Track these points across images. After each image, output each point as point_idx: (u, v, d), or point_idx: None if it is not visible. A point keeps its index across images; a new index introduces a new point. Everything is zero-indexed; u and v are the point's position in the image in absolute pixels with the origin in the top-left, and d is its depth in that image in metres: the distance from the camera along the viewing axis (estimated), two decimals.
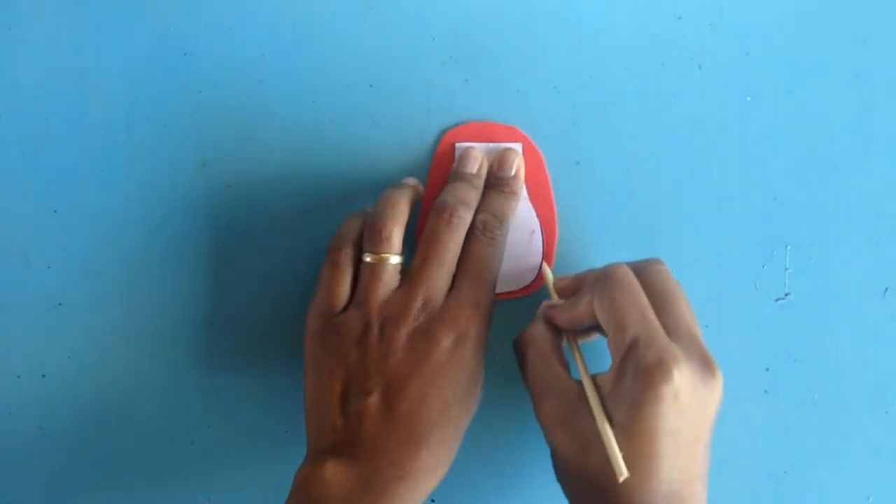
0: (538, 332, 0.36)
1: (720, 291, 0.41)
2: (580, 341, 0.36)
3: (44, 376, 0.39)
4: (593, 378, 0.34)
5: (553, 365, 0.35)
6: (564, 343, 0.36)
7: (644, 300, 0.33)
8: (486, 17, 0.40)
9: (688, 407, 0.31)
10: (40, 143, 0.39)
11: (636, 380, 0.31)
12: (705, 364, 0.32)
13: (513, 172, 0.39)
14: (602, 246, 0.40)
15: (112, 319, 0.39)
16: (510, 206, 0.38)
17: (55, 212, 0.39)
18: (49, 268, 0.39)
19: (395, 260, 0.36)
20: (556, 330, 0.36)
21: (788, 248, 0.41)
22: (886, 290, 0.41)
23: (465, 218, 0.37)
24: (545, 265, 0.38)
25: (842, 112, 0.41)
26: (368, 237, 0.36)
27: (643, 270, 0.35)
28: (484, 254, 0.36)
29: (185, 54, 0.40)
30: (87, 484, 0.40)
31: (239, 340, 0.40)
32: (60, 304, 0.39)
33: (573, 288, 0.36)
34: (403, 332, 0.34)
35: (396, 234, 0.36)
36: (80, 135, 0.39)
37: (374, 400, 0.34)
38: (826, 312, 0.41)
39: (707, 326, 0.40)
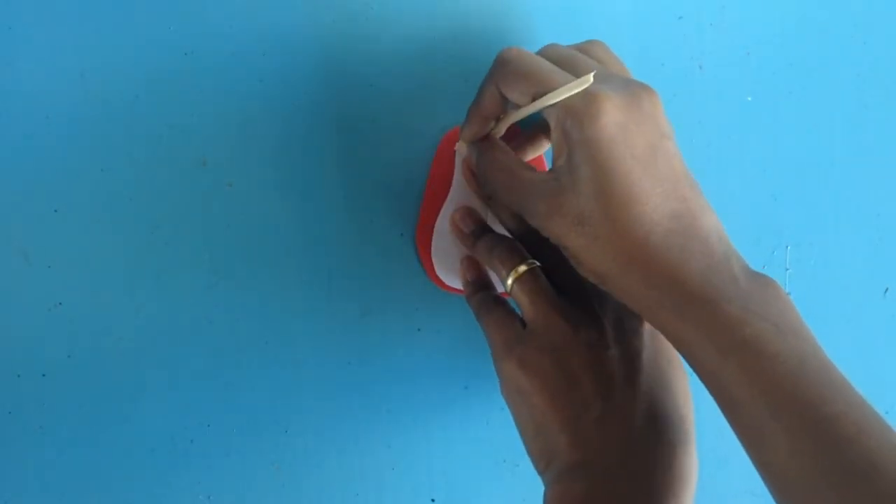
0: (499, 149, 0.36)
1: None
2: None
3: (44, 376, 0.39)
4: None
5: (527, 166, 0.34)
6: None
7: (544, 62, 0.33)
8: (487, 16, 0.40)
9: (633, 121, 0.31)
10: (40, 143, 0.39)
11: (571, 125, 0.31)
12: (628, 83, 0.32)
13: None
14: None
15: (112, 319, 0.39)
16: None
17: (55, 212, 0.39)
18: (49, 268, 0.39)
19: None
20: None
21: (788, 248, 0.41)
22: (886, 290, 0.41)
23: None
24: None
25: (842, 112, 0.41)
26: None
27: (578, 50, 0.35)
28: None
29: (185, 54, 0.40)
30: (87, 484, 0.40)
31: (239, 340, 0.40)
32: (60, 304, 0.39)
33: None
34: None
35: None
36: (80, 135, 0.39)
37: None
38: (826, 312, 0.41)
39: None
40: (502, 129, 0.37)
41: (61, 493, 0.40)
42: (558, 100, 0.31)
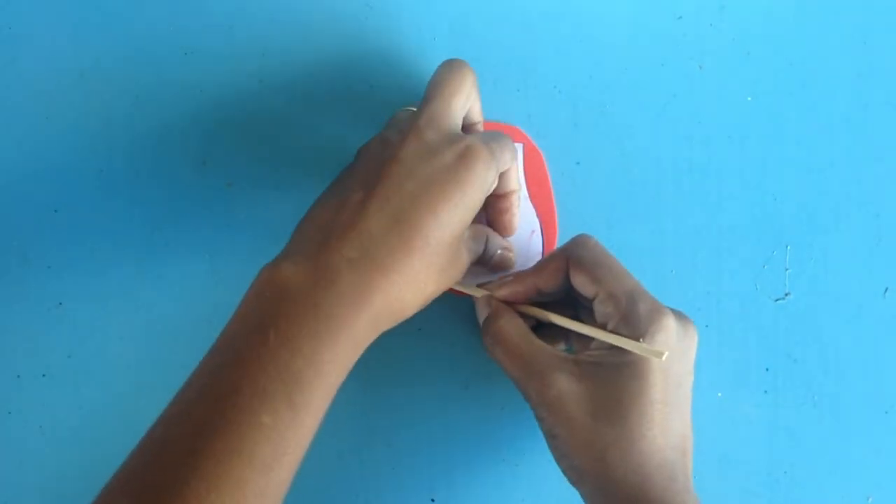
0: (506, 320, 0.35)
1: (720, 291, 0.41)
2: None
3: (44, 376, 0.39)
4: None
5: (537, 341, 0.34)
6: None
7: (617, 263, 0.35)
8: (486, 16, 0.40)
9: (679, 354, 0.33)
10: (40, 143, 0.39)
11: (637, 331, 0.32)
12: (680, 314, 0.34)
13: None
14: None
15: (112, 319, 0.39)
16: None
17: (55, 212, 0.39)
18: (49, 268, 0.39)
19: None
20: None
21: (788, 248, 0.41)
22: (886, 290, 0.41)
23: None
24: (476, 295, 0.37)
25: (842, 112, 0.41)
26: None
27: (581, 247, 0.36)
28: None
29: (185, 54, 0.40)
30: (87, 484, 0.40)
31: None
32: (60, 304, 0.39)
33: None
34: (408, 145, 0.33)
35: None
36: (80, 135, 0.39)
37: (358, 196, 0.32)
38: (826, 312, 0.41)
39: (707, 326, 0.40)
40: (536, 315, 0.36)
41: (61, 492, 0.40)
42: (627, 346, 0.32)
